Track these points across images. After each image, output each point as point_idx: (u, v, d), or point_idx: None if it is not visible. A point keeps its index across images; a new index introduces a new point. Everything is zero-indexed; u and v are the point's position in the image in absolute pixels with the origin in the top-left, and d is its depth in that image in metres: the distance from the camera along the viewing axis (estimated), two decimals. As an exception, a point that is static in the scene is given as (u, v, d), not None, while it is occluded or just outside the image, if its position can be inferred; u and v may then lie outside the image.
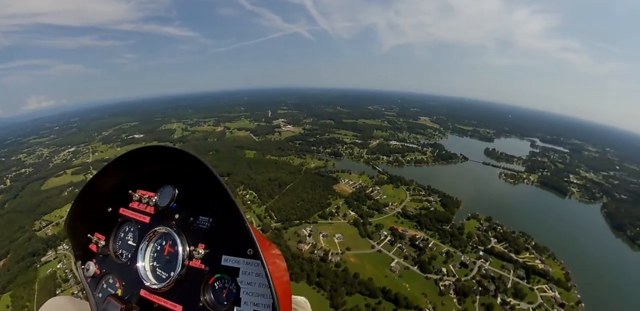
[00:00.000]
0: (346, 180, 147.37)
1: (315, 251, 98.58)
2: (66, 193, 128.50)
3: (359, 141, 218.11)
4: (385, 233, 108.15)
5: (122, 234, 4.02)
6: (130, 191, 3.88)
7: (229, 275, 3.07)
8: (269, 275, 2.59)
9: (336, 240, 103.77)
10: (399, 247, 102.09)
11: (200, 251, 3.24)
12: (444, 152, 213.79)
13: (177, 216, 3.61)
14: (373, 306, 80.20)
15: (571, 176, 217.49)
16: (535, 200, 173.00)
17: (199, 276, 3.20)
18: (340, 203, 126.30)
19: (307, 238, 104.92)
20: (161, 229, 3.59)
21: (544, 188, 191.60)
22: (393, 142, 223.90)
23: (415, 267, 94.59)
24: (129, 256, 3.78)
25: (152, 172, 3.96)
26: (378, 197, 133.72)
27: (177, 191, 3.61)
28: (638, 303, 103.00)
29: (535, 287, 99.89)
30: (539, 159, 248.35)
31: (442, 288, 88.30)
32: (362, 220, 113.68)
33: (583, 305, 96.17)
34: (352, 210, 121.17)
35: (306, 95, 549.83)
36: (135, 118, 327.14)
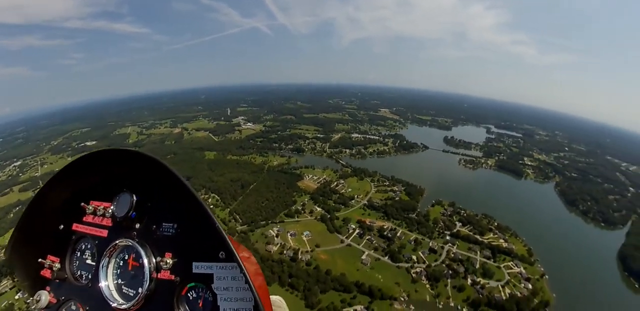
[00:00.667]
0: (310, 176, 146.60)
1: (285, 252, 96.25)
2: (12, 214, 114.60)
3: (321, 135, 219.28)
4: (354, 227, 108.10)
5: (79, 253, 3.59)
6: (82, 203, 3.48)
7: (202, 283, 2.85)
8: (247, 276, 2.47)
9: (305, 238, 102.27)
10: (368, 239, 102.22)
11: (168, 261, 2.99)
12: (405, 142, 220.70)
13: (137, 225, 3.30)
14: (348, 302, 79.63)
15: (525, 158, 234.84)
16: (494, 183, 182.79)
17: (171, 288, 2.95)
18: (306, 199, 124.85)
19: (275, 238, 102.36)
20: (122, 242, 3.28)
21: (501, 171, 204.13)
22: (355, 135, 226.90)
23: (386, 257, 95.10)
24: (89, 276, 3.42)
25: (106, 180, 3.58)
26: (343, 191, 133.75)
27: (135, 198, 3.30)
28: (595, 270, 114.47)
29: (501, 265, 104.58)
30: (495, 144, 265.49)
31: (414, 275, 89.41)
32: (329, 216, 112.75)
33: (547, 277, 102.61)
34: (318, 206, 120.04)
35: (266, 92, 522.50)
36: (86, 124, 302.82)
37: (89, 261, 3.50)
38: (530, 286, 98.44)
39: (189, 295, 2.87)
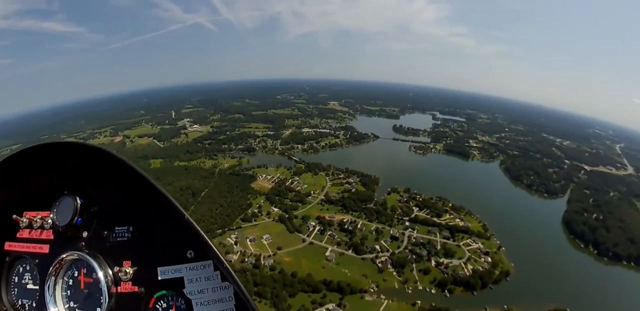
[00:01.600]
0: (264, 176, 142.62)
1: (246, 259, 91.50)
2: None
3: (272, 133, 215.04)
4: (313, 224, 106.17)
5: (16, 278, 2.99)
6: (14, 216, 2.92)
7: (172, 290, 2.47)
8: (229, 270, 2.31)
9: (265, 242, 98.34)
10: (329, 235, 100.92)
11: (127, 271, 2.55)
12: (356, 133, 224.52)
13: (85, 234, 2.81)
14: (319, 302, 77.80)
15: (471, 141, 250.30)
16: (444, 166, 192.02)
17: (135, 303, 2.56)
18: (262, 201, 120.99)
19: (235, 246, 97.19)
20: (68, 256, 2.76)
21: (449, 154, 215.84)
22: (306, 129, 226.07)
23: (350, 251, 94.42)
24: (34, 305, 2.87)
25: (40, 184, 3.00)
26: (299, 188, 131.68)
27: (79, 201, 2.76)
28: (544, 236, 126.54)
29: (461, 243, 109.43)
30: (441, 130, 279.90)
31: (380, 265, 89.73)
32: (287, 215, 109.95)
33: (503, 248, 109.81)
34: (275, 207, 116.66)
35: (212, 90, 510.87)
36: (16, 140, 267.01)
37: (30, 286, 2.90)
38: (489, 259, 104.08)
39: (157, 306, 2.48)
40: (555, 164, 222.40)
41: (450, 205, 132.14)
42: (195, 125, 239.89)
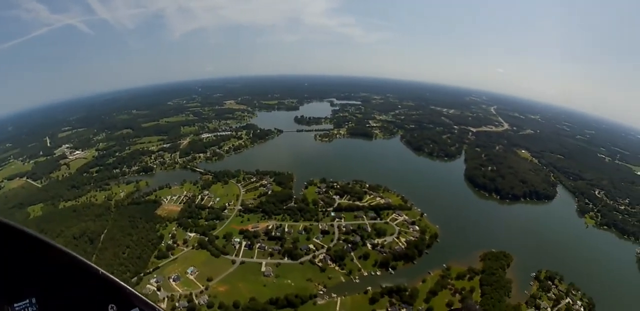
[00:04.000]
0: (169, 198, 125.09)
1: (177, 304, 77.30)
2: None
3: (168, 145, 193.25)
4: (238, 240, 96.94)
5: None
6: None
7: None
8: None
9: (192, 277, 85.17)
10: (259, 248, 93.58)
11: None
12: (258, 131, 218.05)
13: None
14: None
15: (370, 121, 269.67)
16: (351, 149, 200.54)
17: None
18: (174, 229, 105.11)
19: (158, 292, 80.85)
20: None
21: (354, 137, 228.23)
22: (205, 135, 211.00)
23: (286, 259, 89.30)
24: None
25: None
26: (212, 203, 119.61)
27: None
28: (453, 193, 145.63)
29: (388, 220, 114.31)
30: (341, 114, 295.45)
31: (320, 264, 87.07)
32: (207, 238, 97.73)
33: (425, 214, 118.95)
34: (190, 232, 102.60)
35: (93, 105, 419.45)
36: None
37: None
38: (417, 227, 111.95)
39: None
40: (447, 131, 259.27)
41: (368, 185, 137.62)
42: (76, 152, 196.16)
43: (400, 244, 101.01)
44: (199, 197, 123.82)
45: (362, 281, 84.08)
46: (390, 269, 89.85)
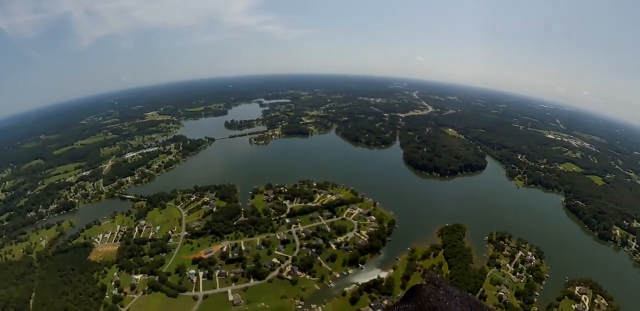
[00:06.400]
0: (101, 237, 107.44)
1: None
2: None
3: (88, 172, 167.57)
4: (193, 271, 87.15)
5: None
6: None
7: None
8: None
9: None
10: (219, 275, 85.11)
11: None
12: (188, 142, 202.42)
13: None
14: None
15: (303, 118, 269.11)
16: (290, 149, 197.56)
17: None
18: (115, 273, 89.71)
19: None
20: None
21: (290, 136, 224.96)
22: (129, 155, 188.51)
23: (252, 280, 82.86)
24: None
25: None
26: (152, 234, 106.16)
27: None
28: (397, 177, 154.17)
29: (344, 215, 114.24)
30: (273, 114, 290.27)
31: (289, 277, 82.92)
32: (157, 277, 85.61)
33: (378, 203, 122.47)
34: (135, 273, 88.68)
35: None
36: None
37: None
38: (374, 217, 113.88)
39: None
40: (378, 119, 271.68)
41: (315, 184, 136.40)
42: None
43: (363, 237, 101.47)
44: (136, 229, 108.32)
45: (337, 284, 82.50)
46: (360, 265, 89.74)
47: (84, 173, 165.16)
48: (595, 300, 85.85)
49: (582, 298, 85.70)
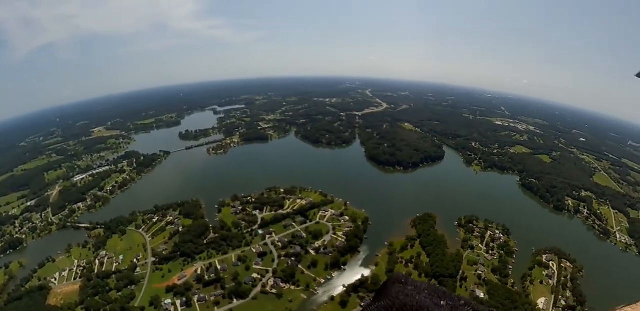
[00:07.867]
0: (57, 276, 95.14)
1: None
2: None
3: (33, 202, 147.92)
4: (169, 301, 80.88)
5: None
6: None
7: None
8: None
9: None
10: (199, 301, 79.85)
11: None
12: (142, 158, 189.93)
13: None
14: None
15: (261, 123, 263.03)
16: (251, 156, 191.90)
17: None
18: None
19: None
20: None
21: (250, 143, 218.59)
22: (78, 177, 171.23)
23: (235, 300, 78.97)
24: None
25: None
26: (116, 265, 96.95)
27: None
28: (364, 175, 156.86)
29: (317, 219, 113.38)
30: (229, 122, 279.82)
31: (273, 291, 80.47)
32: None
33: (348, 202, 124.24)
34: None
35: None
36: None
37: None
38: (347, 217, 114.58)
39: None
40: (336, 119, 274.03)
41: (283, 190, 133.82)
42: None
43: (340, 239, 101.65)
44: (97, 262, 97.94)
45: (324, 289, 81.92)
46: (342, 266, 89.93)
47: (28, 204, 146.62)
48: (562, 264, 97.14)
49: (550, 265, 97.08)
